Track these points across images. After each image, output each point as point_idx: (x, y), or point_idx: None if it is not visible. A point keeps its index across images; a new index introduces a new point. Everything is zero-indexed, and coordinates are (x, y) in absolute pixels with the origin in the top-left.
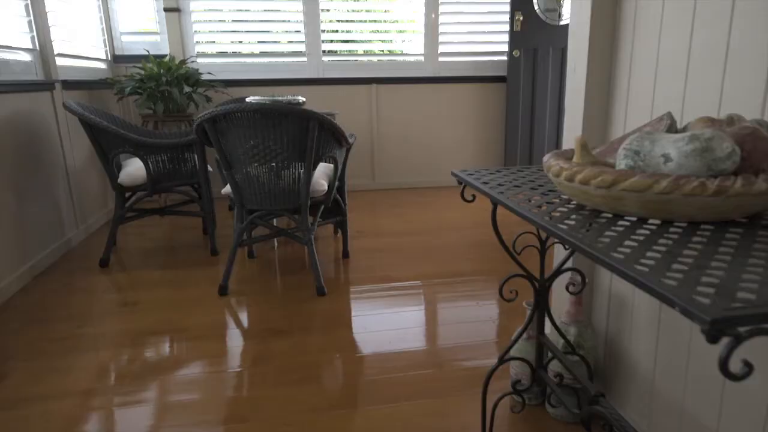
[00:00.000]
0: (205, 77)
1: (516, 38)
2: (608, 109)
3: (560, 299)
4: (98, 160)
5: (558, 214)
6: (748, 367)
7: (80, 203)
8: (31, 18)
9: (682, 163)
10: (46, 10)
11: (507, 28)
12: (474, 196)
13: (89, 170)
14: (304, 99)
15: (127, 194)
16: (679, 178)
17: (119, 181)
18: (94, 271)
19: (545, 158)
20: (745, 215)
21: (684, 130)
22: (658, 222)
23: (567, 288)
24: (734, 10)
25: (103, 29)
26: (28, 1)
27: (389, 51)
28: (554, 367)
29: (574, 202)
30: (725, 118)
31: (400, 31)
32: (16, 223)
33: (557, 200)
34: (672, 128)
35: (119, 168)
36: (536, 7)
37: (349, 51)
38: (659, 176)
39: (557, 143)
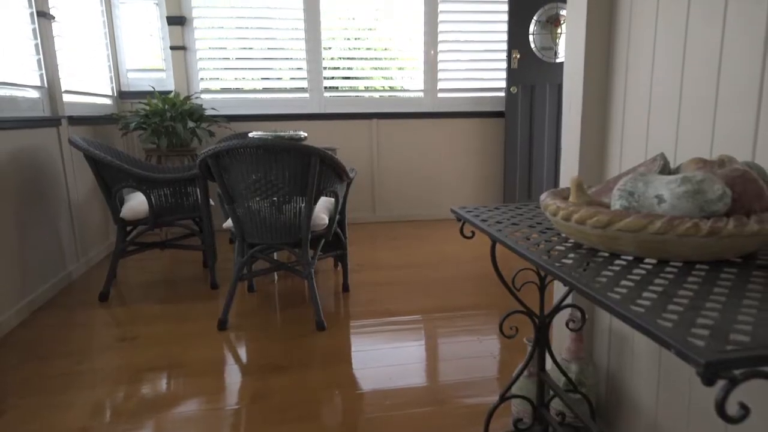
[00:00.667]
0: (208, 113)
1: (513, 75)
2: (604, 148)
3: (561, 336)
4: (101, 194)
5: (556, 253)
6: (745, 410)
7: (82, 236)
8: (41, 56)
9: (675, 204)
10: (56, 48)
11: (504, 65)
12: (473, 233)
13: (92, 203)
14: (305, 134)
15: (129, 228)
16: (672, 219)
17: (121, 215)
18: (94, 305)
19: (542, 197)
20: (739, 255)
21: (677, 170)
22: (654, 261)
23: (567, 324)
24: (722, 57)
25: (110, 66)
26: (38, 41)
27: (390, 87)
28: (556, 405)
29: (572, 240)
30: (717, 159)
31: (400, 69)
32: (18, 257)
33: (555, 238)
34: (665, 169)
35: (122, 202)
36: (532, 45)
37: (350, 87)
38: (654, 217)
39: (556, 177)
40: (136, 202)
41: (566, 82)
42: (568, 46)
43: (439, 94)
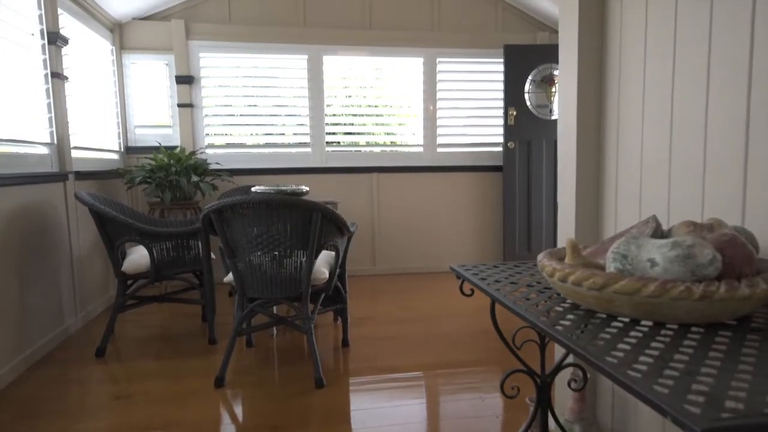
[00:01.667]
0: (212, 167)
1: (510, 131)
2: (599, 207)
3: (563, 395)
4: (102, 247)
5: (554, 314)
6: None
7: (81, 291)
8: (52, 115)
9: (667, 268)
10: (67, 107)
11: (502, 121)
12: (473, 290)
13: (93, 257)
14: (307, 188)
15: (129, 282)
16: (665, 283)
17: (123, 269)
18: (90, 360)
19: (540, 257)
20: (733, 318)
21: (669, 233)
22: (650, 324)
23: (569, 384)
24: (707, 123)
25: (118, 123)
26: (51, 100)
27: (390, 142)
28: None
29: (569, 301)
30: (707, 222)
31: (401, 124)
32: (17, 312)
33: (553, 298)
34: (658, 231)
35: (123, 256)
36: (528, 103)
37: (351, 142)
38: (647, 280)
39: (554, 230)
40: (138, 256)
41: (560, 143)
42: (561, 109)
43: (439, 149)
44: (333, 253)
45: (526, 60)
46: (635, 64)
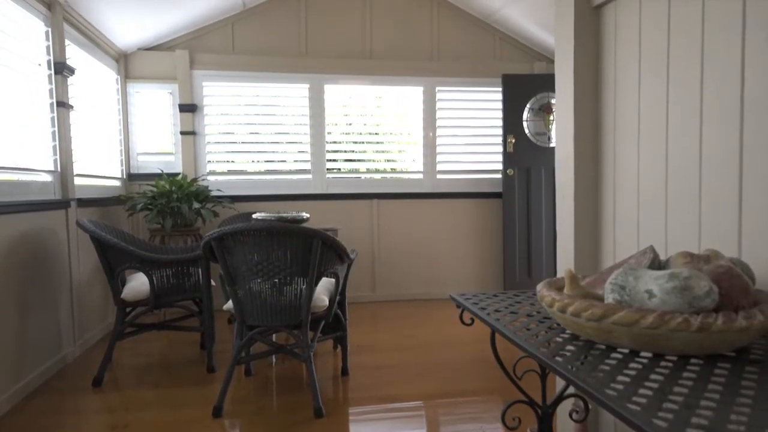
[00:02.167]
0: (214, 193)
1: (509, 158)
2: (597, 236)
3: (565, 426)
4: (102, 275)
5: (554, 344)
6: None
7: (80, 318)
8: (56, 143)
9: (665, 299)
10: (71, 135)
11: (501, 149)
12: (473, 319)
13: (93, 285)
14: (308, 215)
15: (128, 309)
16: (663, 314)
17: (122, 296)
18: (87, 390)
19: (539, 287)
20: (731, 349)
21: (667, 263)
22: (649, 355)
23: (570, 415)
24: (702, 157)
25: (121, 150)
26: (56, 128)
27: (391, 169)
28: None
29: (569, 331)
30: (704, 253)
31: (401, 151)
32: (15, 341)
33: (553, 328)
34: (655, 261)
35: (123, 283)
36: (527, 131)
37: (352, 169)
38: (645, 311)
39: (554, 257)
40: (138, 283)
41: (558, 173)
42: (558, 141)
43: (438, 176)
44: (333, 280)
45: (524, 89)
46: (630, 98)
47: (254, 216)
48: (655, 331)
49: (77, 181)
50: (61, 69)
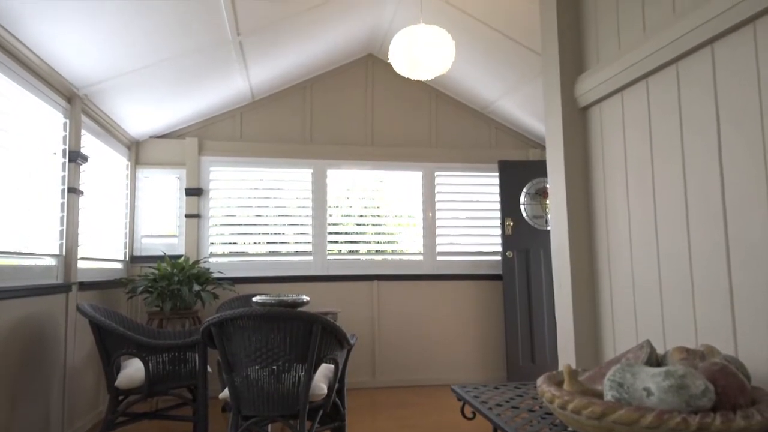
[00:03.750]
0: (215, 275)
1: (508, 240)
2: (596, 326)
3: None
4: (96, 360)
5: None
6: None
7: (71, 406)
8: (64, 227)
9: (662, 398)
10: (79, 219)
11: (499, 231)
12: (474, 413)
13: (86, 370)
14: (308, 298)
15: (120, 397)
16: (662, 413)
17: (116, 383)
18: None
19: (539, 382)
20: None
21: (664, 358)
22: None
23: None
24: (691, 252)
25: (126, 233)
26: (64, 213)
27: (391, 251)
28: None
29: (571, 429)
30: (700, 348)
31: (401, 233)
32: (2, 429)
33: (555, 425)
34: (652, 356)
35: (118, 369)
36: (524, 214)
37: (352, 250)
38: (644, 410)
39: (557, 343)
40: (133, 369)
41: (554, 259)
42: (554, 230)
43: (438, 257)
44: (332, 366)
45: (520, 174)
46: (619, 191)
47: (254, 299)
48: (654, 430)
49: (80, 264)
50: (75, 157)
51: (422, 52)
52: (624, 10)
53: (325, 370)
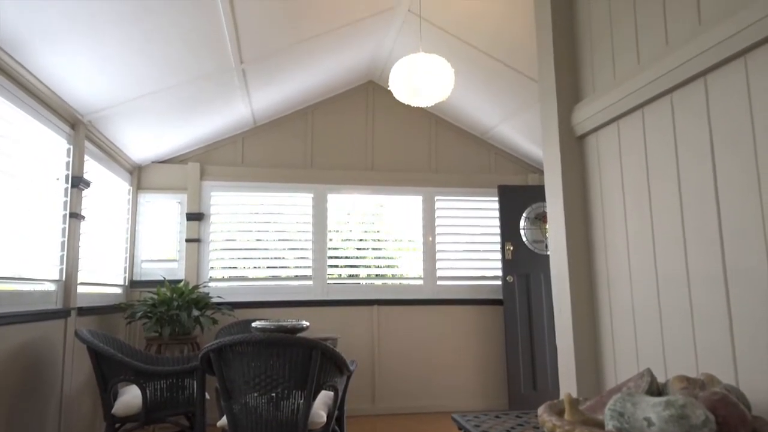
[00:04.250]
0: (214, 300)
1: (508, 265)
2: (597, 353)
3: None
4: (93, 387)
5: None
6: None
7: None
8: (65, 252)
9: (663, 428)
10: (79, 244)
11: (500, 255)
12: None
13: (83, 397)
14: (307, 324)
15: (117, 425)
16: None
17: (113, 411)
18: None
19: (540, 411)
20: None
21: (665, 387)
22: None
23: None
24: (690, 280)
25: (126, 258)
26: (65, 238)
27: (391, 275)
28: None
29: None
30: (700, 377)
31: (401, 258)
32: None
33: None
34: (653, 385)
35: (115, 396)
36: (524, 238)
37: (352, 274)
38: None
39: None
40: (130, 396)
41: (554, 285)
42: (553, 256)
43: (438, 282)
44: (331, 393)
45: (520, 199)
46: (617, 218)
47: (253, 324)
48: None
49: (79, 289)
50: (78, 182)
51: (422, 80)
52: (618, 42)
53: (324, 397)
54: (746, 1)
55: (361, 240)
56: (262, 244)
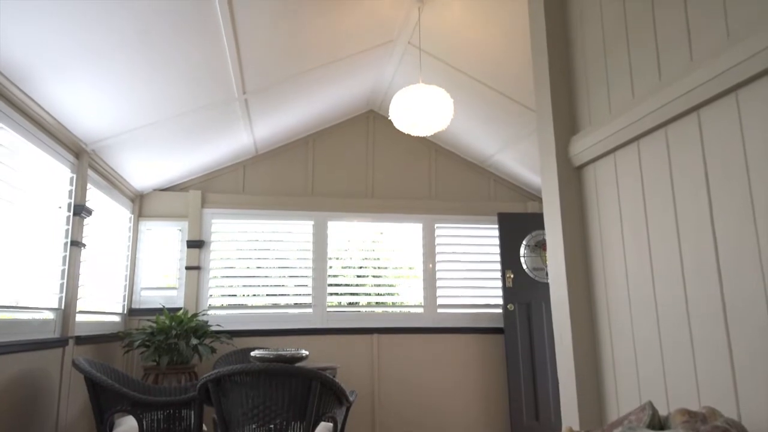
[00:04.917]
0: (213, 328)
1: (509, 293)
2: (599, 384)
3: None
4: (88, 418)
5: None
6: None
7: None
8: (65, 281)
9: None
10: (79, 272)
11: (500, 283)
12: None
13: (78, 429)
14: (307, 353)
15: None
16: None
17: None
18: None
19: None
20: None
21: (666, 420)
22: None
23: None
24: (689, 311)
25: (125, 286)
26: (66, 266)
27: (392, 303)
28: None
29: None
30: (702, 410)
31: (400, 285)
32: None
33: None
34: (655, 418)
35: (111, 427)
36: (524, 266)
37: (352, 302)
38: None
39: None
40: (127, 428)
41: (554, 313)
42: (552, 285)
43: (439, 310)
44: (330, 425)
45: (519, 226)
46: (616, 248)
47: (252, 354)
48: None
49: (78, 317)
50: (80, 211)
51: (422, 111)
52: (613, 77)
53: (323, 429)
54: (734, 40)
55: (361, 267)
56: (262, 271)
